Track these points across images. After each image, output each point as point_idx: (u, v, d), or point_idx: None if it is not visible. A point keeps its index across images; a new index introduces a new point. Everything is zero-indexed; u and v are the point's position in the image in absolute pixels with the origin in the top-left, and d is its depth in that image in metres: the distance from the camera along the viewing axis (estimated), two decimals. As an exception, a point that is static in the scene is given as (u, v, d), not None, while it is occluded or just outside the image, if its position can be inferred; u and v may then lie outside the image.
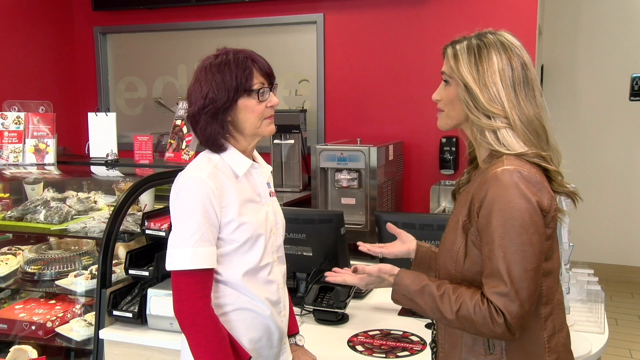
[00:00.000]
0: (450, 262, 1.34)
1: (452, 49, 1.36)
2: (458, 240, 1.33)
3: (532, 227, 1.22)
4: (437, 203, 3.83)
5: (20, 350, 2.15)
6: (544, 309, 1.31)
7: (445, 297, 1.28)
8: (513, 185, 1.22)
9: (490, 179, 1.25)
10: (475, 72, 1.30)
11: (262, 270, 1.56)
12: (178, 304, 1.45)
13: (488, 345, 1.31)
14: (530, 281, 1.21)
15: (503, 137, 1.28)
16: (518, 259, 1.20)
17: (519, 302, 1.20)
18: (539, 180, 1.25)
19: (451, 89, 1.36)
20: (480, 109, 1.29)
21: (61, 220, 2.35)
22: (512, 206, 1.21)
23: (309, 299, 2.18)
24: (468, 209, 1.31)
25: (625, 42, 5.26)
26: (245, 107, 1.50)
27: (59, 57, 4.96)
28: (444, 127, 1.41)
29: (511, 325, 1.21)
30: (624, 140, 5.34)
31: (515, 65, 1.30)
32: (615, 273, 5.31)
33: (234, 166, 1.54)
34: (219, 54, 1.52)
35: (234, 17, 4.59)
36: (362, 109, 4.32)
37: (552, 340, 1.32)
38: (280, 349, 1.65)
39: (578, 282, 2.32)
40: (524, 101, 1.29)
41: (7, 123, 2.80)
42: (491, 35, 1.33)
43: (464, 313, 1.24)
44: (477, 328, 1.24)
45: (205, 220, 1.44)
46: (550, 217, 1.26)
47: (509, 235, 1.21)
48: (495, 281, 1.22)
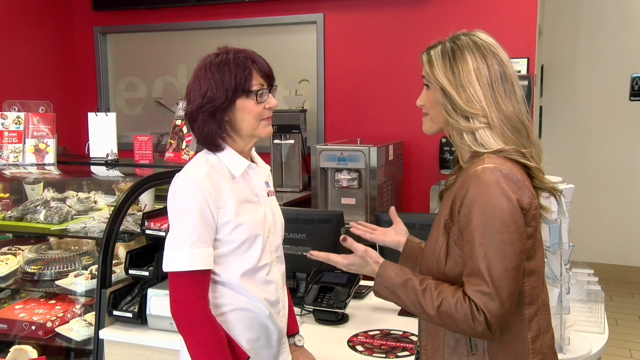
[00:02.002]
0: (432, 262, 1.34)
1: (426, 55, 1.38)
2: (440, 240, 1.33)
3: (513, 226, 1.21)
4: (437, 203, 3.83)
5: (20, 350, 2.15)
6: (528, 309, 1.30)
7: (427, 292, 1.27)
8: (494, 183, 1.22)
9: (470, 177, 1.26)
10: (451, 75, 1.31)
11: (260, 271, 1.56)
12: (175, 305, 1.45)
13: (470, 346, 1.30)
14: (511, 280, 1.21)
15: (481, 137, 1.29)
16: (498, 258, 1.20)
17: (499, 301, 1.20)
18: (520, 179, 1.25)
19: (432, 93, 1.37)
20: (459, 111, 1.29)
21: (61, 220, 2.35)
22: (492, 204, 1.21)
23: (309, 299, 2.18)
24: (450, 208, 1.31)
25: (625, 42, 5.26)
26: (243, 107, 1.49)
27: (59, 57, 4.96)
28: (429, 132, 1.43)
29: (491, 324, 1.20)
30: (624, 140, 5.34)
31: (490, 63, 1.30)
32: (615, 273, 5.31)
33: (231, 167, 1.53)
34: (220, 52, 1.52)
35: (234, 17, 4.59)
36: (362, 109, 4.32)
37: (536, 342, 1.31)
38: (280, 349, 1.65)
39: (578, 282, 2.31)
40: (503, 98, 1.29)
41: (7, 123, 2.80)
42: (464, 37, 1.34)
43: (445, 309, 1.24)
44: (458, 325, 1.24)
45: (202, 221, 1.44)
46: (530, 215, 1.26)
47: (489, 233, 1.21)
48: (477, 280, 1.21)
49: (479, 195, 1.23)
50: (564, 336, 1.84)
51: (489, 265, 1.20)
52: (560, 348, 1.84)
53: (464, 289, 1.24)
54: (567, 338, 1.85)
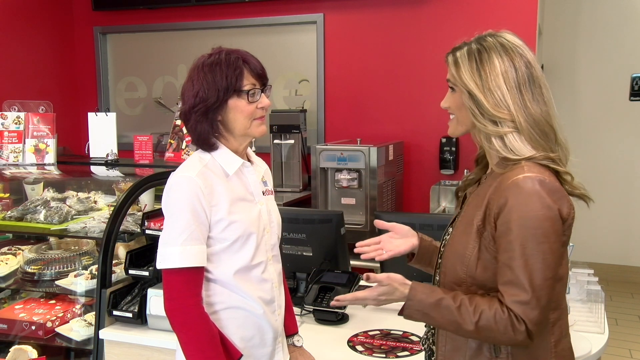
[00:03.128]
0: (460, 266, 1.32)
1: (452, 56, 1.34)
2: (471, 244, 1.31)
3: (554, 236, 1.22)
4: (437, 203, 3.83)
5: (20, 350, 2.15)
6: (553, 314, 1.31)
7: (463, 308, 1.25)
8: (535, 193, 1.21)
9: (510, 185, 1.24)
10: (478, 78, 1.28)
11: (255, 269, 1.56)
12: (168, 303, 1.46)
13: (494, 349, 1.30)
14: (550, 288, 1.22)
15: (510, 143, 1.27)
16: (540, 268, 1.20)
17: (539, 310, 1.20)
18: (560, 188, 1.25)
19: (457, 96, 1.34)
20: (486, 115, 1.27)
21: (61, 220, 2.35)
22: (534, 215, 1.20)
23: (309, 299, 2.18)
24: (484, 213, 1.29)
25: (625, 42, 5.26)
26: (235, 107, 1.50)
27: (59, 57, 4.96)
28: (455, 134, 1.40)
29: (531, 332, 1.21)
30: (624, 140, 5.34)
31: (518, 66, 1.28)
32: (615, 273, 5.31)
33: (225, 165, 1.54)
34: (213, 53, 1.53)
35: (234, 17, 4.59)
36: (362, 109, 4.32)
37: (558, 345, 1.32)
38: (275, 348, 1.64)
39: (578, 282, 2.31)
40: (531, 101, 1.28)
41: (7, 123, 2.80)
42: (491, 38, 1.32)
43: (484, 323, 1.23)
44: (497, 337, 1.23)
45: (194, 219, 1.45)
46: (567, 224, 1.26)
47: (530, 243, 1.20)
48: (515, 289, 1.21)
49: (519, 204, 1.22)
50: (564, 336, 1.84)
51: (530, 275, 1.20)
52: (560, 348, 1.84)
53: (501, 299, 1.23)
54: (567, 338, 1.85)
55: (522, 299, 1.20)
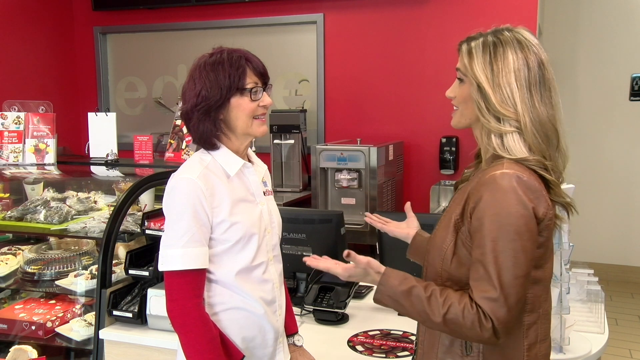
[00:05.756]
0: (438, 259, 1.32)
1: (467, 45, 1.31)
2: (448, 238, 1.30)
3: (527, 234, 1.19)
4: (437, 203, 3.84)
5: (20, 350, 2.15)
6: (528, 317, 1.29)
7: (432, 299, 1.24)
8: (511, 190, 1.20)
9: (488, 181, 1.23)
10: (489, 72, 1.26)
11: (256, 269, 1.56)
12: (169, 304, 1.47)
13: (465, 347, 1.29)
14: (520, 287, 1.20)
15: (507, 143, 1.26)
16: (509, 266, 1.18)
17: (507, 308, 1.18)
18: (538, 188, 1.23)
19: (465, 87, 1.32)
20: (492, 111, 1.26)
21: (61, 220, 2.35)
22: (508, 211, 1.19)
23: (309, 299, 2.18)
24: (462, 208, 1.28)
25: (625, 42, 5.26)
26: (238, 105, 1.50)
27: (59, 57, 4.96)
28: (458, 126, 1.38)
29: (498, 330, 1.19)
30: (624, 140, 5.34)
31: (532, 65, 1.26)
32: (615, 273, 5.31)
33: (226, 166, 1.54)
34: (214, 52, 1.53)
35: (234, 17, 4.59)
36: (362, 109, 4.32)
37: (532, 350, 1.29)
38: (276, 348, 1.64)
39: (578, 282, 2.31)
40: (539, 103, 1.26)
41: (7, 123, 2.80)
42: (508, 33, 1.29)
43: (452, 317, 1.22)
44: (464, 332, 1.22)
45: (195, 221, 1.45)
46: (544, 225, 1.24)
47: (502, 240, 1.19)
48: (485, 285, 1.19)
49: (494, 200, 1.20)
50: (564, 336, 1.84)
51: (499, 271, 1.18)
52: (560, 348, 1.84)
53: (470, 295, 1.22)
54: (567, 338, 1.85)
55: (491, 295, 1.18)
